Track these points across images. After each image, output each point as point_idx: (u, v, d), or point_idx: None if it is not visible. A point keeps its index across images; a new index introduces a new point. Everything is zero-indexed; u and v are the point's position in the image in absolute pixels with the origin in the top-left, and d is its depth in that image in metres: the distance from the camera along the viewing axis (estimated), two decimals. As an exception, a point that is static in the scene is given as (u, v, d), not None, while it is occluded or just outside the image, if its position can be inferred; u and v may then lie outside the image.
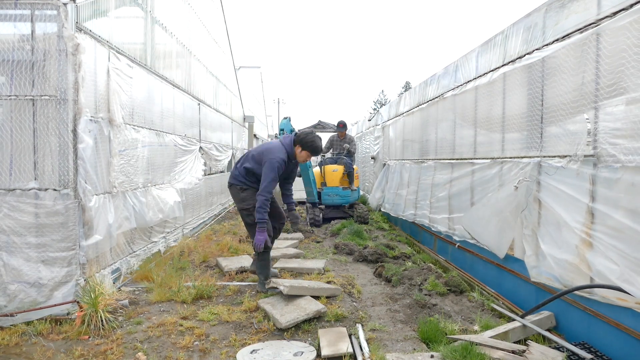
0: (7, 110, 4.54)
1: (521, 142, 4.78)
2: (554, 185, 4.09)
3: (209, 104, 11.56)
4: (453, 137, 6.89)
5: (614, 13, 3.40)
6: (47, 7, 4.53)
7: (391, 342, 4.11)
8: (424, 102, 8.39)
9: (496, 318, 4.66)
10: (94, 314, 4.39)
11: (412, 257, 7.22)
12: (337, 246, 8.09)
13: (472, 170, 5.98)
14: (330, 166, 11.45)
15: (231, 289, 5.66)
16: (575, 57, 3.84)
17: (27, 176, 4.58)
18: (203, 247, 7.90)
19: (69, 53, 4.53)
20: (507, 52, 5.09)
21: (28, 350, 3.98)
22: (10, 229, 4.50)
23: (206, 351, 3.97)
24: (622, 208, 3.27)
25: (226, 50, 14.93)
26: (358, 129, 17.06)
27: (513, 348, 3.49)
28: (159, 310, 4.99)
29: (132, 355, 3.87)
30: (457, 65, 6.74)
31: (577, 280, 3.78)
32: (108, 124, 5.34)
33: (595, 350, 3.56)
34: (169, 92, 8.03)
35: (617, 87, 3.34)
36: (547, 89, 4.27)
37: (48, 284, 4.57)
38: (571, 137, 3.87)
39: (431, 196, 7.62)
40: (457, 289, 5.54)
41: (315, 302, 4.83)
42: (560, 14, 4.10)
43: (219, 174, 12.92)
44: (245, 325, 4.54)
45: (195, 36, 10.17)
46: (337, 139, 11.92)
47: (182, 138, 8.69)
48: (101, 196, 5.09)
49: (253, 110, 24.85)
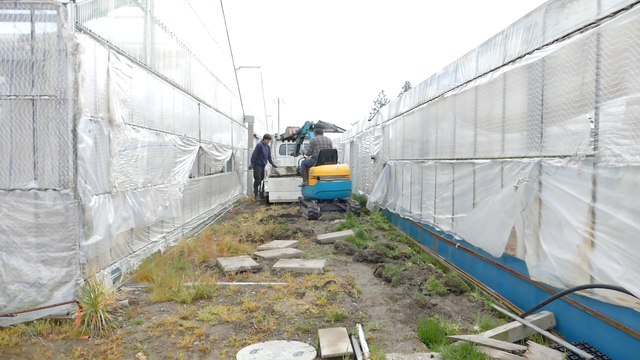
0: (6, 110, 4.54)
1: (521, 142, 4.78)
2: (555, 185, 4.08)
3: (208, 103, 11.56)
4: (453, 137, 6.89)
5: (614, 13, 3.40)
6: (47, 7, 4.52)
7: (391, 342, 4.11)
8: (424, 102, 8.38)
9: (496, 318, 4.66)
10: (93, 314, 4.38)
11: (412, 257, 7.22)
12: (337, 246, 8.08)
13: (473, 171, 5.98)
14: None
15: (231, 289, 5.66)
16: (575, 57, 3.84)
17: (26, 176, 4.57)
18: (203, 247, 7.90)
19: (68, 53, 4.52)
20: (507, 52, 5.09)
21: (28, 350, 3.97)
22: (10, 229, 4.49)
23: (206, 351, 3.97)
24: (624, 208, 3.27)
25: (226, 50, 14.93)
26: (358, 129, 17.03)
27: (513, 348, 3.49)
28: (159, 310, 4.99)
29: (132, 355, 3.87)
30: (457, 65, 6.74)
31: (578, 280, 3.78)
32: (108, 124, 5.33)
33: (595, 350, 3.56)
34: (169, 92, 8.02)
35: (619, 87, 3.33)
36: (548, 89, 4.27)
37: (48, 284, 4.56)
38: (572, 137, 3.86)
39: (435, 196, 7.62)
40: (457, 289, 5.54)
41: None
42: (560, 14, 4.10)
43: (219, 174, 12.92)
44: (245, 325, 4.54)
45: (195, 36, 10.17)
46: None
47: (182, 138, 8.69)
48: (101, 196, 5.09)
49: (253, 110, 24.86)
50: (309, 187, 12.78)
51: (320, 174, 12.26)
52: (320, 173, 12.27)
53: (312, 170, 12.60)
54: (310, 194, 12.67)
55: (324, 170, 12.27)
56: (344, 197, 12.70)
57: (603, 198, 3.48)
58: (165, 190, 7.42)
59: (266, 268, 6.71)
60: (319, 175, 12.25)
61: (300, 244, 8.57)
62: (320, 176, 12.24)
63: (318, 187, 12.26)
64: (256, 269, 6.61)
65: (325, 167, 12.32)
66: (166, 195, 7.44)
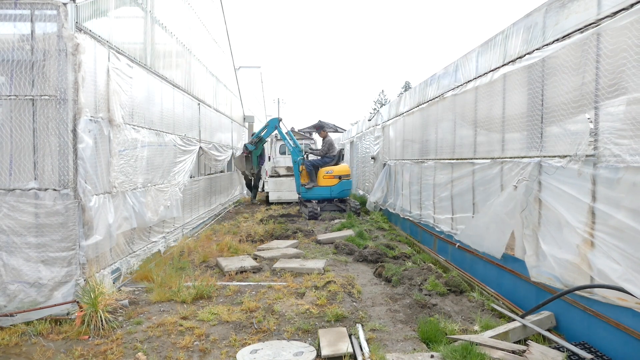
0: (7, 110, 4.54)
1: (521, 142, 4.78)
2: (554, 185, 4.08)
3: (208, 103, 11.56)
4: (453, 137, 6.89)
5: (614, 13, 3.40)
6: (47, 7, 4.52)
7: (391, 342, 4.11)
8: (424, 102, 8.38)
9: (496, 318, 4.66)
10: (93, 314, 4.38)
11: (412, 257, 7.22)
12: (337, 246, 8.08)
13: (472, 170, 5.98)
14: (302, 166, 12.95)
15: (231, 289, 5.66)
16: (575, 57, 3.84)
17: (27, 176, 4.57)
18: (203, 247, 7.90)
19: (68, 53, 4.52)
20: (507, 52, 5.09)
21: (28, 350, 3.97)
22: (10, 229, 4.49)
23: (206, 351, 3.97)
24: (623, 208, 3.27)
25: (226, 50, 14.94)
26: (358, 129, 17.04)
27: (513, 348, 3.49)
28: (159, 310, 4.99)
29: (132, 355, 3.87)
30: (457, 65, 6.74)
31: (578, 280, 3.78)
32: (108, 123, 5.33)
33: (595, 350, 3.56)
34: (169, 92, 8.02)
35: (618, 87, 3.33)
36: (548, 89, 4.27)
37: (48, 284, 4.57)
38: (571, 137, 3.86)
39: (434, 196, 7.62)
40: (457, 289, 5.54)
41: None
42: (560, 14, 4.10)
43: (219, 174, 12.92)
44: (245, 325, 4.54)
45: (195, 36, 10.17)
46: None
47: (182, 138, 8.69)
48: (101, 196, 5.09)
49: (253, 110, 24.86)
50: (325, 187, 12.66)
51: (341, 173, 12.63)
52: (341, 172, 12.63)
53: (330, 170, 12.68)
54: (326, 194, 12.68)
55: (342, 169, 12.73)
56: (345, 196, 12.90)
57: (603, 198, 3.48)
58: (165, 190, 7.42)
59: (266, 268, 6.71)
60: (341, 175, 12.60)
61: (300, 244, 8.58)
62: (342, 175, 12.59)
63: (340, 186, 12.55)
64: (256, 269, 6.61)
65: (342, 167, 12.83)
66: (166, 195, 7.44)
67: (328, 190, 12.59)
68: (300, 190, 12.87)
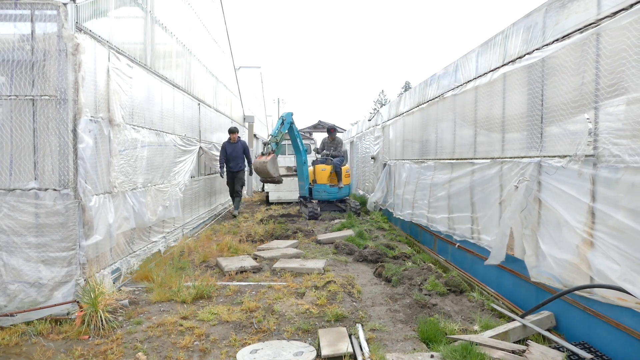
0: (7, 110, 4.54)
1: (521, 142, 4.78)
2: (554, 185, 4.09)
3: (208, 103, 11.56)
4: (453, 137, 6.89)
5: (614, 13, 3.40)
6: (47, 7, 4.53)
7: (391, 342, 4.11)
8: (424, 102, 8.38)
9: (496, 318, 4.66)
10: (94, 314, 4.39)
11: (412, 257, 7.22)
12: (337, 246, 8.09)
13: (472, 170, 5.98)
14: (320, 166, 12.92)
15: (231, 289, 5.66)
16: (575, 57, 3.84)
17: (27, 176, 4.58)
18: (203, 247, 7.90)
19: (68, 53, 4.53)
20: (507, 52, 5.09)
21: (28, 350, 3.98)
22: (10, 229, 4.49)
23: (206, 351, 3.97)
24: (623, 208, 3.27)
25: (226, 50, 14.93)
26: (358, 129, 17.04)
27: (513, 348, 3.49)
28: (159, 310, 4.99)
29: (132, 355, 3.87)
30: (457, 65, 6.74)
31: (577, 280, 3.78)
32: (108, 123, 5.34)
33: (595, 350, 3.56)
34: (169, 92, 8.03)
35: (617, 87, 3.34)
36: (547, 89, 4.27)
37: (48, 284, 4.57)
38: (571, 137, 3.86)
39: (430, 196, 7.62)
40: (457, 289, 5.54)
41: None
42: (560, 14, 4.10)
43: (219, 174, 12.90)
44: (245, 325, 4.54)
45: (195, 36, 10.17)
46: (327, 142, 13.48)
47: (182, 138, 8.69)
48: (101, 196, 5.09)
49: (253, 110, 24.83)
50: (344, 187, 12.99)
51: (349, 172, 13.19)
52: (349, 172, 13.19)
53: (348, 170, 13.12)
54: (345, 193, 13.01)
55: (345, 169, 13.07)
56: (344, 196, 13.02)
57: (602, 198, 3.49)
58: (165, 190, 7.42)
59: (266, 268, 6.71)
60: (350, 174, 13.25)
61: (301, 244, 8.58)
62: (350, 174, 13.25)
63: (313, 188, 12.91)
64: (256, 269, 6.61)
65: (345, 167, 13.11)
66: (166, 195, 7.44)
67: (336, 189, 12.85)
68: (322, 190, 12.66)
